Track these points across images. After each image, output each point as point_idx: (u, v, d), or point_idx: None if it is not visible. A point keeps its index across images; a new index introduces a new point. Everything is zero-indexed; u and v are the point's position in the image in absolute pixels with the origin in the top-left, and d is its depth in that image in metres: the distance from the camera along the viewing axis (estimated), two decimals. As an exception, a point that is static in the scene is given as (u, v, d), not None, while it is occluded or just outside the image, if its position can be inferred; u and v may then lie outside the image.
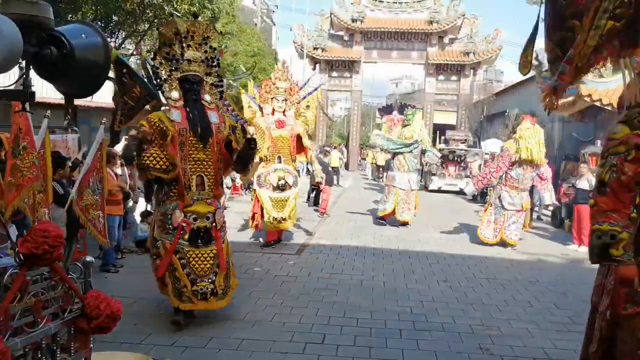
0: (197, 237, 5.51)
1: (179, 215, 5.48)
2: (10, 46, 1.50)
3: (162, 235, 5.54)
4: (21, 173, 2.44)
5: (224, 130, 5.79)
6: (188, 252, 5.48)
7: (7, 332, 2.11)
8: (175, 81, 5.59)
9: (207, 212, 5.61)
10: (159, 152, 5.37)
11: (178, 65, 5.57)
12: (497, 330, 5.85)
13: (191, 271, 5.49)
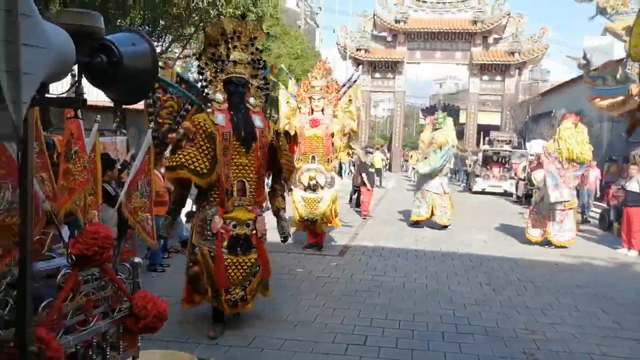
0: (236, 244, 5.32)
1: (218, 222, 5.28)
2: (63, 56, 1.56)
3: (200, 242, 5.35)
4: (73, 177, 2.55)
5: (268, 134, 5.59)
6: (226, 260, 5.29)
7: (61, 330, 2.19)
8: (219, 83, 5.41)
9: (248, 220, 5.40)
10: (196, 152, 5.16)
11: (223, 66, 5.38)
12: (541, 334, 5.72)
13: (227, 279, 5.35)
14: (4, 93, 1.34)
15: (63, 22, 1.65)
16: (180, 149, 5.13)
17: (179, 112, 5.61)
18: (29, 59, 1.38)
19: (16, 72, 1.35)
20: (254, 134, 5.43)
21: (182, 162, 5.05)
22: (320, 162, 9.58)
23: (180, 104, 5.60)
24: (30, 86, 1.40)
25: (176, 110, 5.63)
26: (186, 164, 5.07)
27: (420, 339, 5.51)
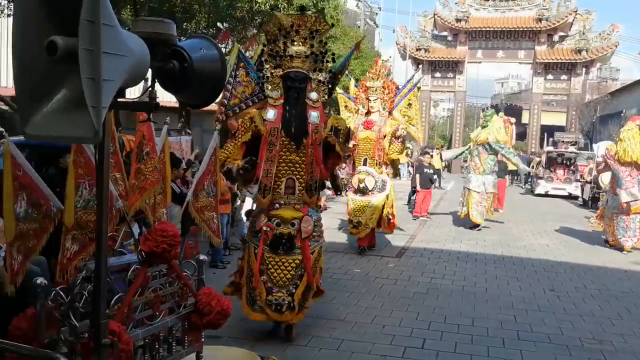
0: (278, 243, 5.10)
1: (262, 219, 5.18)
2: (140, 62, 1.64)
3: (250, 238, 5.32)
4: (144, 176, 2.67)
5: (322, 131, 5.31)
6: (268, 258, 5.12)
7: (130, 324, 2.29)
8: (277, 79, 5.25)
9: (292, 218, 5.15)
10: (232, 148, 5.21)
11: (280, 61, 5.21)
12: (609, 345, 5.48)
13: (268, 279, 5.12)
14: (85, 99, 1.41)
15: (140, 30, 1.73)
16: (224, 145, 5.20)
17: (251, 95, 5.58)
18: (108, 66, 1.45)
19: (97, 79, 1.42)
20: (305, 130, 5.21)
21: (221, 159, 4.94)
22: (371, 164, 9.25)
23: (253, 92, 5.56)
24: (110, 92, 1.47)
25: (248, 94, 5.59)
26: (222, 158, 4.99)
27: (480, 344, 5.40)
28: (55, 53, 1.46)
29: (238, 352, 3.31)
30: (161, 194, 2.77)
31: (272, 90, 5.29)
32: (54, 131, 1.49)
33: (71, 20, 1.47)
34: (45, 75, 1.53)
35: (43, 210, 2.33)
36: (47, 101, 1.53)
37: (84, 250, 2.44)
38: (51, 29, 1.51)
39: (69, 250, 2.37)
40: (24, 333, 2.10)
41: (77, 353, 2.11)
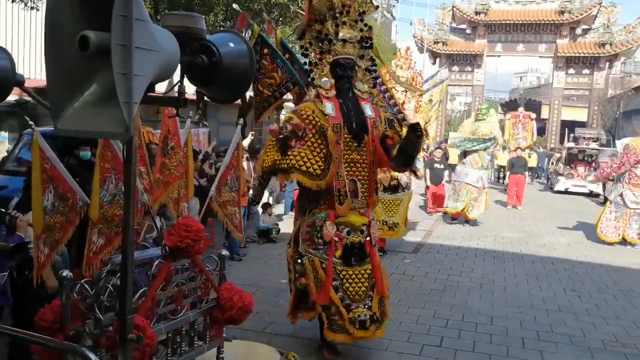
0: (350, 254, 4.53)
1: (331, 229, 4.51)
2: (170, 57, 1.62)
3: (309, 251, 4.59)
4: (169, 171, 2.67)
5: (380, 125, 4.77)
6: (341, 272, 4.51)
7: (154, 318, 2.29)
8: (326, 66, 4.60)
9: (362, 225, 4.64)
10: (308, 152, 4.34)
11: (331, 46, 4.57)
12: (634, 348, 5.39)
13: (345, 295, 4.53)
14: (117, 94, 1.40)
15: (169, 24, 1.71)
16: (291, 148, 4.34)
17: (279, 86, 5.02)
18: (140, 61, 1.44)
19: (129, 74, 1.41)
20: (365, 125, 4.63)
21: (293, 165, 4.32)
22: None
23: (283, 79, 4.99)
24: (141, 87, 1.46)
25: (277, 84, 5.02)
26: (297, 165, 4.33)
27: (499, 344, 5.35)
28: (88, 48, 1.44)
29: (259, 347, 3.31)
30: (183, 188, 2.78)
31: (321, 78, 4.61)
32: (85, 126, 1.48)
33: (102, 15, 1.46)
34: (76, 70, 1.52)
35: (69, 203, 2.34)
36: (78, 96, 1.52)
37: (110, 244, 2.45)
38: (83, 24, 1.50)
39: (95, 244, 2.38)
40: (50, 325, 2.11)
41: (102, 346, 2.12)
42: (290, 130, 4.32)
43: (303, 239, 4.64)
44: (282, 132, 4.29)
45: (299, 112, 4.47)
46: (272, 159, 4.35)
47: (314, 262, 4.55)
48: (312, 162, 4.35)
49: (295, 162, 4.32)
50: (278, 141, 4.32)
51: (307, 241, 4.61)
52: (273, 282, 7.15)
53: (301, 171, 4.33)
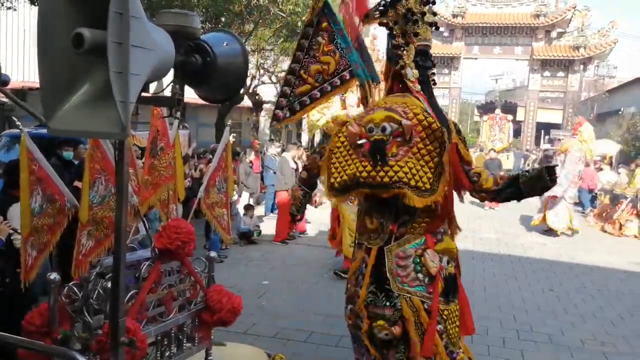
0: (449, 288, 3.53)
1: (434, 259, 3.44)
2: (165, 57, 1.60)
3: (405, 289, 3.40)
4: (158, 172, 2.63)
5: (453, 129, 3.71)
6: (444, 312, 3.45)
7: (144, 321, 2.26)
8: (412, 53, 3.60)
9: (456, 250, 3.66)
10: (415, 161, 3.26)
11: (417, 29, 3.55)
12: (612, 346, 5.50)
13: (449, 341, 3.48)
14: (113, 93, 1.38)
15: (164, 22, 1.69)
16: (394, 156, 3.24)
17: (332, 75, 3.72)
18: (136, 60, 1.42)
19: (125, 73, 1.39)
20: (449, 129, 3.55)
21: (400, 178, 3.21)
22: None
23: (340, 66, 3.70)
24: (137, 86, 1.44)
25: (330, 72, 3.73)
26: (405, 179, 3.21)
27: (480, 343, 5.40)
28: (82, 46, 1.42)
29: (246, 349, 3.30)
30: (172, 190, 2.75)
31: (406, 68, 3.60)
32: (79, 126, 1.45)
33: (97, 12, 1.44)
34: (70, 68, 1.50)
35: (57, 205, 2.30)
36: (72, 95, 1.49)
37: (99, 246, 2.41)
38: (76, 21, 1.47)
39: (84, 246, 2.34)
40: (38, 329, 2.07)
41: (91, 350, 2.09)
42: (391, 132, 3.25)
43: (395, 274, 3.44)
44: (373, 135, 3.23)
45: (403, 109, 3.34)
46: (352, 172, 3.26)
47: (414, 303, 3.40)
48: (420, 174, 3.28)
49: (404, 174, 3.22)
50: (370, 147, 3.24)
51: (403, 276, 3.46)
52: (254, 284, 7.13)
53: (410, 186, 3.25)
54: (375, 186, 3.27)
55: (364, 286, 3.45)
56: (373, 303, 3.44)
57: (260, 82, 21.39)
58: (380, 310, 3.42)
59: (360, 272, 3.50)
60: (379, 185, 3.26)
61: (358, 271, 3.53)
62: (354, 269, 3.58)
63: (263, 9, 13.62)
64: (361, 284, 3.45)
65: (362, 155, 3.27)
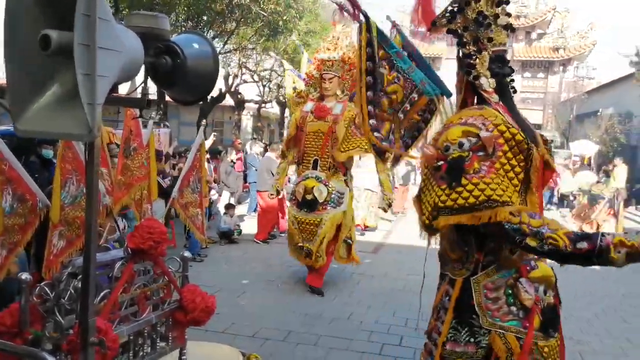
0: (548, 321, 3.14)
1: (529, 289, 3.04)
2: (134, 58, 1.62)
3: (498, 324, 2.96)
4: (131, 172, 2.64)
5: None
6: (543, 348, 3.07)
7: (116, 320, 2.27)
8: (486, 60, 3.22)
9: (554, 278, 3.29)
10: (498, 178, 2.85)
11: (490, 33, 3.19)
12: (587, 345, 5.59)
13: None
14: (80, 95, 1.39)
15: (134, 24, 1.71)
16: (477, 173, 2.82)
17: (402, 103, 3.38)
18: (104, 62, 1.43)
19: (92, 75, 1.40)
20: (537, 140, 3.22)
21: (488, 195, 2.74)
22: (323, 168, 6.80)
23: (405, 92, 3.35)
24: (105, 88, 1.45)
25: (399, 100, 3.38)
26: (495, 196, 2.75)
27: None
28: (49, 47, 1.43)
29: (221, 348, 3.31)
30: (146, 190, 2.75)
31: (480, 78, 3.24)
32: (47, 127, 1.46)
33: (65, 14, 1.44)
34: (37, 69, 1.50)
35: (29, 205, 2.29)
36: (40, 96, 1.50)
37: (71, 246, 2.41)
38: (44, 22, 1.48)
39: (55, 246, 2.33)
40: (8, 329, 2.07)
41: (62, 350, 2.09)
42: (470, 147, 2.86)
43: (485, 308, 3.03)
44: (450, 154, 2.84)
45: (482, 122, 2.97)
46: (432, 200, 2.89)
47: (508, 339, 3.03)
48: (508, 192, 2.89)
49: (492, 191, 2.84)
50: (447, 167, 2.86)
51: (494, 310, 3.06)
52: (234, 283, 7.14)
53: (501, 203, 2.84)
54: (457, 210, 2.79)
55: (446, 322, 3.03)
56: (453, 339, 3.03)
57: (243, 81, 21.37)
58: (460, 348, 3.01)
59: (443, 306, 3.11)
60: (462, 209, 2.79)
61: (440, 304, 3.15)
62: (437, 302, 3.21)
63: (244, 8, 13.62)
64: (443, 318, 3.04)
65: (440, 178, 2.84)
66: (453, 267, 3.10)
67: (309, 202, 6.65)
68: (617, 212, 12.49)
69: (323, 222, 6.65)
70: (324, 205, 6.66)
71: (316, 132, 6.78)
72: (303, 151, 6.89)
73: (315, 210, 6.66)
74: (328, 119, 6.73)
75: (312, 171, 6.82)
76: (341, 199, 6.80)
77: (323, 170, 6.78)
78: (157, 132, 9.83)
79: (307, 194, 6.65)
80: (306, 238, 6.69)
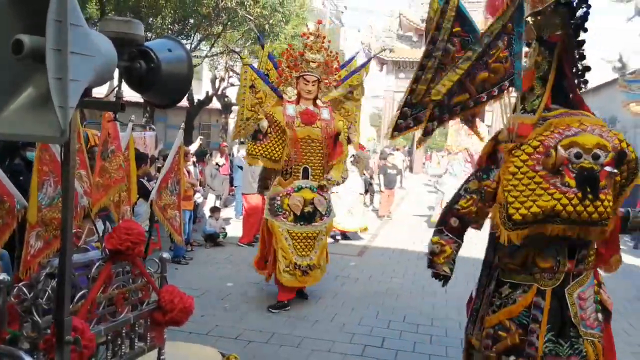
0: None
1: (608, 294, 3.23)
2: (107, 62, 1.66)
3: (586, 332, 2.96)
4: (109, 174, 2.67)
5: None
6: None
7: (94, 320, 2.30)
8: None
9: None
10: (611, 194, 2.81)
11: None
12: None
13: None
14: (52, 99, 1.43)
15: (107, 29, 1.75)
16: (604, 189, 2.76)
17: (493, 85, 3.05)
18: (76, 66, 1.47)
19: (64, 79, 1.44)
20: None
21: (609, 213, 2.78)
22: (316, 176, 6.40)
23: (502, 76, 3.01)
24: (77, 92, 1.49)
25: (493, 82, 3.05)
26: (606, 214, 2.78)
27: (439, 344, 5.54)
28: (22, 52, 1.46)
29: (200, 349, 3.34)
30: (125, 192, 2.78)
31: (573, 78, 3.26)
32: (21, 129, 1.50)
33: (37, 19, 1.48)
34: (10, 73, 1.54)
35: (6, 206, 2.32)
36: (13, 99, 1.53)
37: (49, 247, 2.43)
38: (17, 27, 1.52)
39: (33, 247, 2.36)
40: (-15, 329, 2.09)
41: (39, 349, 2.12)
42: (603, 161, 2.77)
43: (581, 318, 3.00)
44: (580, 162, 2.75)
45: (608, 135, 2.87)
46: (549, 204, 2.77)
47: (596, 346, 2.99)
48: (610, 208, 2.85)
49: (611, 209, 2.82)
50: (578, 177, 2.75)
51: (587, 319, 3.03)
52: (219, 286, 7.16)
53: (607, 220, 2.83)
54: (581, 222, 2.78)
55: (541, 334, 2.93)
56: (554, 352, 2.93)
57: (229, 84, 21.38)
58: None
59: (529, 318, 2.97)
60: (586, 222, 2.77)
61: (522, 316, 3.00)
62: (515, 314, 3.03)
63: (231, 12, 13.67)
64: (536, 331, 2.93)
65: (562, 184, 2.76)
66: (542, 276, 3.01)
67: (307, 214, 6.28)
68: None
69: (322, 233, 6.44)
70: (321, 216, 6.39)
71: (304, 138, 6.25)
72: (293, 159, 6.31)
73: (313, 222, 6.33)
74: (317, 124, 6.30)
75: (305, 181, 6.36)
76: (330, 206, 6.65)
77: (316, 179, 6.39)
78: (142, 135, 9.84)
79: (305, 206, 6.25)
80: (302, 253, 6.25)
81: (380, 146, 22.17)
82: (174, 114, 19.28)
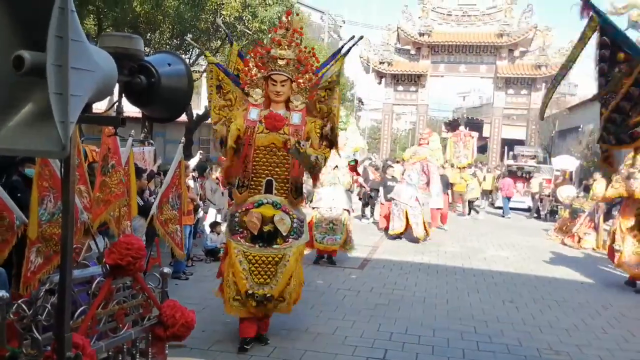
0: None
1: None
2: (107, 78, 1.67)
3: None
4: (109, 189, 2.67)
5: None
6: None
7: (94, 336, 2.29)
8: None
9: None
10: None
11: None
12: (566, 355, 5.65)
13: None
14: (53, 114, 1.44)
15: (107, 45, 1.76)
16: None
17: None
18: (76, 81, 1.48)
19: (65, 94, 1.45)
20: None
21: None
22: (280, 192, 5.41)
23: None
24: (78, 107, 1.50)
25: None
26: None
27: (441, 355, 5.50)
28: (22, 68, 1.47)
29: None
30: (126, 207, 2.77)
31: None
32: (20, 144, 1.50)
33: (38, 35, 1.49)
34: (11, 88, 1.55)
35: (6, 222, 2.31)
36: (13, 114, 1.54)
37: (49, 263, 2.42)
38: (18, 43, 1.53)
39: (33, 263, 2.35)
40: (-16, 347, 2.08)
41: (39, 366, 2.10)
42: None
43: None
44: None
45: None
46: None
47: None
48: None
49: None
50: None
51: None
52: (219, 301, 7.09)
53: None
54: None
55: None
56: None
57: (229, 99, 21.37)
58: None
59: None
60: None
61: None
62: None
63: (229, 26, 13.76)
64: None
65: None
66: None
67: (266, 234, 5.26)
68: (597, 225, 12.65)
69: (286, 258, 5.30)
70: (286, 237, 5.33)
71: (268, 146, 5.32)
72: (251, 171, 5.32)
73: (274, 244, 5.29)
74: (285, 130, 5.31)
75: (267, 195, 5.35)
76: (302, 227, 5.51)
77: (281, 194, 5.39)
78: (141, 150, 9.83)
79: (265, 224, 5.23)
80: (260, 281, 5.23)
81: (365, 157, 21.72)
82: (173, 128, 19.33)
